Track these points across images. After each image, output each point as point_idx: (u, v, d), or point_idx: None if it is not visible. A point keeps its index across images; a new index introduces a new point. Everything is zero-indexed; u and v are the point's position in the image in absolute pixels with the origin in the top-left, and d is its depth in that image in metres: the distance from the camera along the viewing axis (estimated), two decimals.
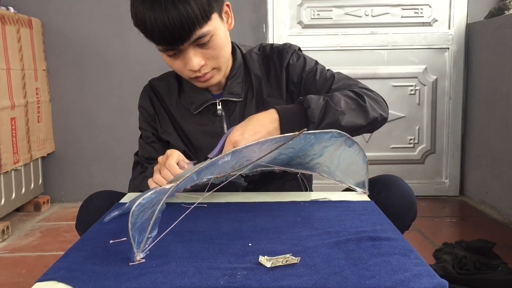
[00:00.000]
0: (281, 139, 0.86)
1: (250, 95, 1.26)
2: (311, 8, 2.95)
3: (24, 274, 1.95)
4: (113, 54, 2.93)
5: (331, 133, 0.95)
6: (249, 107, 1.25)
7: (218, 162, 0.84)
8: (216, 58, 1.14)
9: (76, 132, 2.99)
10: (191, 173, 0.81)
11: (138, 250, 0.75)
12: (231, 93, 1.24)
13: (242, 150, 0.84)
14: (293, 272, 0.71)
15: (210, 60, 1.13)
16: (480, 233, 2.27)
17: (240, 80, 1.25)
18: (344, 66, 2.95)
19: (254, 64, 1.27)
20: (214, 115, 1.26)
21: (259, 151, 0.89)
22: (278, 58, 1.27)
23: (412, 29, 2.94)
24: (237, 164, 0.92)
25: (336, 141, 0.98)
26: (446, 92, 2.99)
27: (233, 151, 0.82)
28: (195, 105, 1.25)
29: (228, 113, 1.26)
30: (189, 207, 0.94)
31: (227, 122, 1.25)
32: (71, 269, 0.73)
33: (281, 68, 1.26)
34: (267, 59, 1.28)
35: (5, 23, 2.46)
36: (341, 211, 1.01)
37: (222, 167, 0.90)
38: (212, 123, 1.26)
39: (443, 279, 0.68)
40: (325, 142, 0.98)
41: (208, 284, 0.68)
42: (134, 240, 0.74)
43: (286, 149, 0.94)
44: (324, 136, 0.95)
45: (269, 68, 1.28)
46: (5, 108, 2.42)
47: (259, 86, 1.26)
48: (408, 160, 3.03)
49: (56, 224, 2.59)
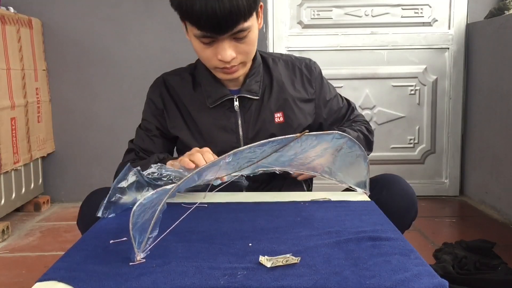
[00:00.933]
0: (282, 140, 0.86)
1: (267, 95, 1.30)
2: (311, 8, 2.95)
3: (24, 274, 1.95)
4: (113, 54, 2.93)
5: (333, 134, 0.96)
6: (265, 106, 1.29)
7: (219, 162, 0.84)
8: (247, 53, 1.18)
9: (76, 132, 2.99)
10: (192, 173, 0.81)
11: (138, 250, 0.75)
12: (249, 91, 1.28)
13: (243, 151, 0.84)
14: (293, 272, 0.71)
15: (241, 54, 1.17)
16: (480, 233, 2.27)
17: (259, 79, 1.29)
18: (344, 66, 2.96)
19: (276, 67, 1.33)
20: (230, 110, 1.28)
21: (261, 153, 0.89)
22: (306, 69, 1.35)
23: (412, 29, 2.94)
24: (238, 165, 0.92)
25: (337, 142, 0.99)
26: (446, 92, 2.99)
27: (234, 152, 0.83)
28: (212, 99, 1.27)
29: (243, 110, 1.28)
30: (189, 207, 0.94)
31: (242, 119, 1.28)
32: (71, 269, 0.73)
33: (309, 81, 1.34)
34: (293, 66, 1.35)
35: (5, 23, 2.46)
36: (341, 211, 1.01)
37: (223, 168, 0.90)
38: (228, 118, 1.28)
39: (443, 279, 0.68)
40: (326, 144, 0.99)
41: (208, 284, 0.68)
42: (134, 240, 0.74)
43: (288, 151, 0.94)
44: (326, 137, 0.96)
45: (295, 75, 1.34)
46: (5, 108, 2.42)
47: (282, 88, 1.31)
48: (408, 160, 3.03)
49: (56, 224, 2.59)
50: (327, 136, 0.96)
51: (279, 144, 0.87)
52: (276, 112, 1.29)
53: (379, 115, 3.00)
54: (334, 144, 1.00)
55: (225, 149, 1.07)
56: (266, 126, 1.28)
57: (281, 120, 1.29)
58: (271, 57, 1.35)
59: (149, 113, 1.33)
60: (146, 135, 1.32)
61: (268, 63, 1.32)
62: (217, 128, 1.27)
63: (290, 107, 1.30)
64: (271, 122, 1.29)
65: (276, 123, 1.29)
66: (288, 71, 1.33)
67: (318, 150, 1.01)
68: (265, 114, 1.28)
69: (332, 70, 2.88)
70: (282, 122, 1.29)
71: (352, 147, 1.01)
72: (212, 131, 1.27)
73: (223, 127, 1.28)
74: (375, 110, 3.00)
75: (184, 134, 1.29)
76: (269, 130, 1.28)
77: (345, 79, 2.95)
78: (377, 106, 3.00)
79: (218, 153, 1.00)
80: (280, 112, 1.29)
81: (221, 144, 1.25)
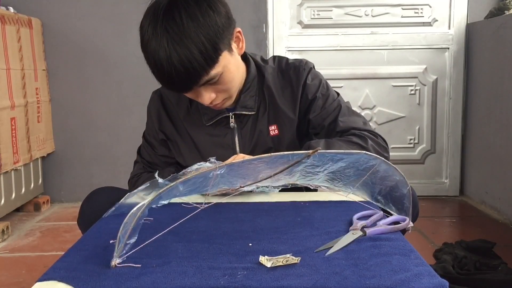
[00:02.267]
0: (291, 156, 0.80)
1: (263, 108, 1.27)
2: (311, 8, 2.95)
3: (24, 274, 1.95)
4: (113, 54, 2.93)
5: (360, 154, 0.86)
6: (261, 120, 1.27)
7: (209, 174, 0.79)
8: (227, 90, 1.16)
9: (76, 132, 2.98)
10: (176, 182, 0.77)
11: (115, 255, 0.74)
12: (244, 107, 1.25)
13: (240, 165, 0.81)
14: (293, 272, 0.71)
15: (221, 93, 1.16)
16: (480, 233, 2.26)
17: (253, 94, 1.26)
18: (344, 66, 2.96)
19: (268, 78, 1.28)
20: (226, 127, 1.27)
21: (269, 169, 0.84)
22: (294, 74, 1.28)
23: (412, 29, 2.94)
24: (247, 177, 0.88)
25: (368, 161, 0.89)
26: (446, 92, 2.99)
27: (228, 165, 0.79)
28: (207, 116, 1.26)
29: (240, 126, 1.27)
30: (189, 207, 0.94)
31: (238, 135, 1.27)
32: (71, 269, 0.73)
33: (297, 84, 1.27)
34: (283, 73, 1.29)
35: (5, 23, 2.46)
36: (341, 211, 1.01)
37: (228, 180, 0.86)
38: (224, 134, 1.27)
39: (443, 279, 0.68)
40: (357, 165, 0.89)
41: (208, 284, 0.68)
42: (116, 245, 0.73)
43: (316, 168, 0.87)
44: (349, 157, 0.86)
45: (285, 82, 1.28)
46: (5, 108, 2.42)
47: (273, 100, 1.27)
48: (408, 160, 3.03)
49: (56, 224, 2.59)
50: (350, 156, 0.86)
51: (287, 159, 0.81)
52: (270, 125, 1.27)
53: (379, 115, 3.00)
54: (365, 163, 0.89)
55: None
56: (262, 140, 1.27)
57: (276, 133, 1.27)
58: (265, 65, 1.30)
59: (150, 128, 1.34)
60: (151, 149, 1.34)
61: (263, 73, 1.28)
62: (213, 145, 1.27)
63: (282, 119, 1.27)
64: (266, 135, 1.27)
65: (271, 136, 1.27)
66: (279, 80, 1.29)
67: (349, 171, 0.92)
68: (260, 127, 1.27)
69: (332, 70, 2.88)
70: (277, 134, 1.27)
71: (388, 170, 0.91)
72: (209, 148, 1.27)
73: (220, 144, 1.27)
74: (375, 110, 3.00)
75: (182, 151, 1.30)
76: (265, 143, 1.27)
77: (345, 79, 2.95)
78: (377, 106, 3.00)
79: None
80: (274, 124, 1.27)
81: (219, 160, 1.23)
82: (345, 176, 0.93)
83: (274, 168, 0.84)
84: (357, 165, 0.89)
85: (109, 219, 0.97)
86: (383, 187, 0.94)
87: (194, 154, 1.28)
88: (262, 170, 0.85)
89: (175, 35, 1.02)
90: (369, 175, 0.91)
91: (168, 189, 0.76)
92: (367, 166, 0.89)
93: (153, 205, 0.78)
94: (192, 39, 1.02)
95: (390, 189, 0.94)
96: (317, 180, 0.94)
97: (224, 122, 1.26)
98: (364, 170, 0.90)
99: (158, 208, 0.88)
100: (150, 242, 0.78)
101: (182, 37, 1.02)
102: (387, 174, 0.91)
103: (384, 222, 0.90)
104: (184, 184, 0.78)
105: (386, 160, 0.88)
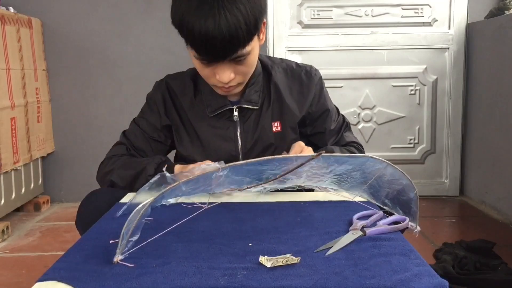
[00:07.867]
0: (296, 158, 0.81)
1: (266, 104, 1.29)
2: (311, 8, 2.95)
3: (24, 274, 1.95)
4: (113, 54, 2.93)
5: (367, 158, 0.86)
6: (264, 115, 1.29)
7: (211, 175, 0.79)
8: (245, 74, 1.19)
9: (76, 132, 2.98)
10: (179, 182, 0.77)
11: (118, 251, 0.74)
12: (249, 101, 1.27)
13: (242, 166, 0.80)
14: (293, 272, 0.71)
15: (240, 75, 1.17)
16: (480, 233, 2.27)
17: (258, 89, 1.28)
18: (344, 66, 2.96)
19: (275, 75, 1.30)
20: (229, 120, 1.28)
21: (270, 170, 0.84)
22: (306, 77, 1.32)
23: (412, 29, 2.94)
24: (240, 178, 0.87)
25: (374, 165, 0.89)
26: (446, 92, 2.99)
27: (231, 166, 0.78)
28: (211, 108, 1.27)
29: (243, 120, 1.28)
30: (189, 207, 0.94)
31: (241, 128, 1.28)
32: (71, 269, 0.73)
33: (308, 87, 1.31)
34: (293, 73, 1.32)
35: (5, 23, 2.46)
36: (341, 211, 1.01)
37: (223, 182, 0.86)
38: (226, 127, 1.28)
39: (443, 279, 0.68)
40: (363, 168, 0.90)
41: (208, 284, 0.68)
42: (120, 241, 0.74)
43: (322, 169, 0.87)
44: (357, 160, 0.87)
45: (294, 82, 1.31)
46: (5, 108, 2.42)
47: (279, 96, 1.29)
48: (408, 160, 3.03)
49: (56, 224, 2.59)
50: (355, 159, 0.87)
51: (291, 161, 0.81)
52: (274, 121, 1.29)
53: (379, 115, 3.00)
54: (372, 167, 0.89)
55: (223, 158, 1.09)
56: (264, 135, 1.28)
57: (279, 130, 1.29)
58: (272, 63, 1.33)
59: (149, 114, 1.32)
60: (142, 134, 1.31)
61: (269, 71, 1.30)
62: (216, 137, 1.28)
63: (287, 116, 1.29)
64: (269, 131, 1.28)
65: (273, 132, 1.28)
66: (287, 79, 1.31)
67: (356, 174, 0.93)
68: (263, 123, 1.28)
69: (332, 70, 2.88)
70: (280, 131, 1.29)
71: (394, 174, 0.90)
72: (211, 140, 1.28)
73: (222, 136, 1.28)
74: (375, 110, 3.00)
75: (184, 141, 1.30)
76: (267, 139, 1.28)
77: (345, 79, 2.95)
78: (377, 106, 3.00)
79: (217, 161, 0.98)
80: (278, 121, 1.29)
81: (220, 152, 1.26)
82: (352, 178, 0.94)
83: (279, 169, 0.84)
84: (363, 168, 0.90)
85: (109, 219, 0.97)
86: (390, 191, 0.95)
87: (196, 144, 1.29)
88: (266, 171, 0.85)
89: (227, 3, 1.05)
90: (375, 178, 0.91)
91: (171, 188, 0.76)
92: (373, 170, 0.90)
93: (156, 204, 0.78)
94: (241, 10, 1.06)
95: (397, 192, 0.94)
96: (324, 182, 0.95)
97: (228, 115, 1.28)
98: (370, 173, 0.91)
99: (158, 208, 0.87)
100: (151, 241, 0.78)
101: (233, 5, 1.05)
102: (394, 177, 0.91)
103: (384, 222, 0.91)
104: (187, 184, 0.78)
105: (392, 164, 0.89)
